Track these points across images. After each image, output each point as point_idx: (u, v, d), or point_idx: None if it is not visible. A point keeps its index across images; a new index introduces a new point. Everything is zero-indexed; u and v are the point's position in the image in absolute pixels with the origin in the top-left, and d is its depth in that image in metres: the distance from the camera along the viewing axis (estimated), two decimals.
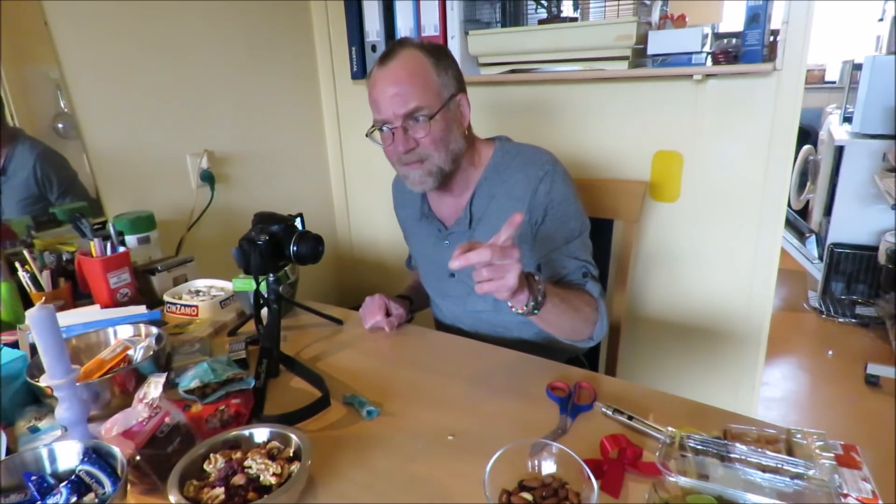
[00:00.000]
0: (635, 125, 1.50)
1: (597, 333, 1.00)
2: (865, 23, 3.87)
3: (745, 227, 1.43)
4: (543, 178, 1.02)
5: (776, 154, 1.35)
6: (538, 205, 1.02)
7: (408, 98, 0.95)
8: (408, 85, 0.95)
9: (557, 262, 1.03)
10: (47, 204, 1.33)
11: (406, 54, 0.96)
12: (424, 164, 1.00)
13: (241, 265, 1.01)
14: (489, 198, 1.06)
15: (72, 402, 0.72)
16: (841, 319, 2.79)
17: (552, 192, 1.02)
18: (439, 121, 0.98)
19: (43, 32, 1.28)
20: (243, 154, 1.79)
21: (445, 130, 0.99)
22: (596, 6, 1.61)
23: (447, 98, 0.99)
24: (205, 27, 1.62)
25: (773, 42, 1.28)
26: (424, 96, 0.96)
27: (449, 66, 1.00)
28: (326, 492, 0.68)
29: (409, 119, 0.97)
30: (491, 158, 1.08)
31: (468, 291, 1.13)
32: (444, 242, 1.12)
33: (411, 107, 0.95)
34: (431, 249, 1.16)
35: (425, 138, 0.97)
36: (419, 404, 0.86)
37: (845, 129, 2.90)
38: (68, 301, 1.18)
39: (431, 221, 1.14)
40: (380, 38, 1.70)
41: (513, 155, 1.07)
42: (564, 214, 1.03)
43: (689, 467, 0.62)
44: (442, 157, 1.00)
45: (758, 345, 1.51)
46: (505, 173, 1.05)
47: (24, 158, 1.28)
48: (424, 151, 0.99)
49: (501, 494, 0.61)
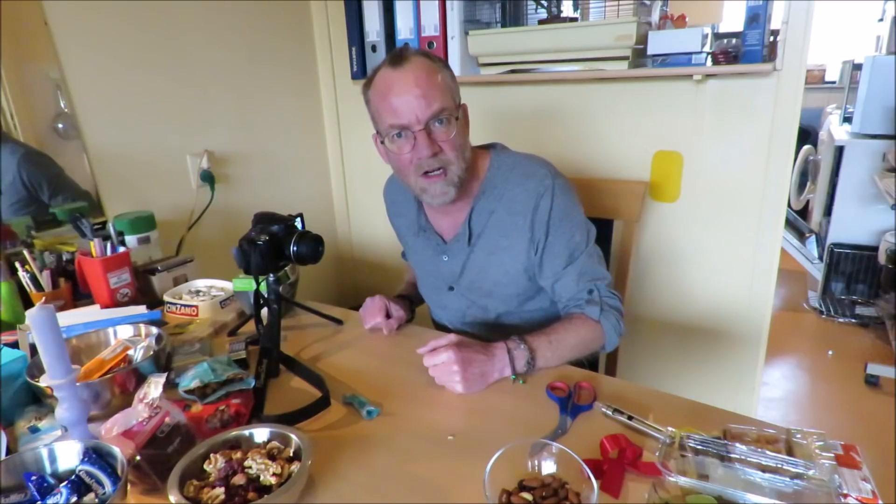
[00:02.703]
0: (635, 125, 1.50)
1: (607, 347, 1.01)
2: (865, 23, 3.87)
3: (745, 227, 1.43)
4: (544, 195, 1.00)
5: (776, 154, 1.35)
6: (540, 222, 1.01)
7: (431, 100, 0.92)
8: (430, 87, 0.92)
9: (564, 284, 1.02)
10: (41, 205, 1.32)
11: (417, 60, 0.94)
12: (448, 174, 0.97)
13: (241, 265, 1.01)
14: (488, 213, 1.05)
15: (72, 402, 0.72)
16: (841, 319, 2.79)
17: (554, 207, 1.00)
18: (461, 124, 0.97)
19: (43, 32, 1.28)
20: (243, 154, 1.79)
21: (462, 136, 0.98)
22: (596, 6, 1.61)
23: (459, 104, 0.99)
24: (205, 27, 1.62)
25: (773, 42, 1.28)
26: (446, 98, 0.94)
27: (452, 75, 0.99)
28: (326, 492, 0.68)
29: (432, 122, 0.93)
30: (488, 171, 1.05)
31: (467, 305, 1.13)
32: (443, 257, 1.11)
33: (436, 108, 0.92)
34: (429, 263, 1.15)
35: (448, 142, 0.95)
36: (419, 404, 0.86)
37: (845, 129, 2.90)
38: (68, 301, 1.18)
39: (430, 236, 1.12)
40: (380, 38, 1.70)
41: (509, 167, 1.04)
42: (569, 229, 1.02)
43: (689, 467, 0.62)
44: (461, 165, 0.98)
45: (758, 345, 1.51)
46: (503, 187, 1.03)
47: (6, 163, 1.26)
48: (447, 158, 0.96)
49: (501, 494, 0.61)
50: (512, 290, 1.08)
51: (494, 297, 1.10)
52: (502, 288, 1.08)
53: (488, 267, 1.07)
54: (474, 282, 1.09)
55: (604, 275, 1.03)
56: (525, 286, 1.07)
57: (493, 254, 1.05)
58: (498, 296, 1.09)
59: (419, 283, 1.25)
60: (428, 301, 1.25)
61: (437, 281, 1.16)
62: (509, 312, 1.11)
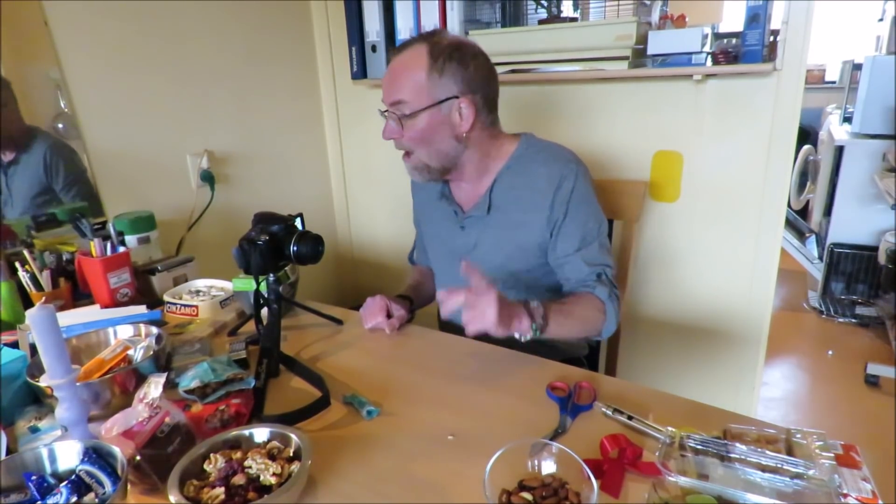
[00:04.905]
0: (635, 125, 1.50)
1: (605, 331, 1.03)
2: (865, 23, 3.87)
3: (745, 227, 1.43)
4: (567, 176, 1.04)
5: (776, 154, 1.35)
6: (561, 201, 1.04)
7: (392, 90, 1.00)
8: (397, 78, 1.00)
9: (574, 266, 1.05)
10: (53, 196, 1.34)
11: (412, 50, 0.99)
12: (411, 157, 1.05)
13: (241, 265, 1.01)
14: (510, 187, 1.08)
15: (72, 402, 0.72)
16: (841, 319, 2.79)
17: (575, 190, 1.04)
18: (422, 119, 1.00)
19: (43, 32, 1.28)
20: (243, 154, 1.79)
21: (428, 130, 1.01)
22: (596, 6, 1.62)
23: (439, 99, 0.99)
24: (205, 27, 1.62)
25: (773, 42, 1.28)
26: (409, 93, 0.99)
27: (452, 68, 0.98)
28: (326, 492, 0.68)
29: (393, 109, 1.02)
30: (515, 151, 1.09)
31: None
32: (460, 227, 1.14)
33: (394, 98, 1.01)
34: (446, 233, 1.18)
35: (404, 131, 1.02)
36: (419, 404, 0.86)
37: (845, 129, 2.90)
38: (68, 301, 1.18)
39: (450, 203, 1.15)
40: (380, 38, 1.70)
41: (537, 149, 1.09)
42: (585, 213, 1.05)
43: (689, 467, 0.62)
44: (425, 153, 1.04)
45: (758, 345, 1.51)
46: (529, 166, 1.07)
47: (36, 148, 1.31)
48: (405, 144, 1.04)
49: (501, 494, 0.61)
50: (522, 266, 1.10)
51: (504, 271, 1.11)
52: (514, 262, 1.10)
53: (503, 240, 1.09)
54: (487, 253, 1.11)
55: (611, 264, 1.07)
56: (535, 263, 1.10)
57: (509, 227, 1.08)
58: (508, 269, 1.11)
59: (432, 259, 1.28)
60: (440, 276, 1.27)
61: (451, 252, 1.18)
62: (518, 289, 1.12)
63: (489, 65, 1.04)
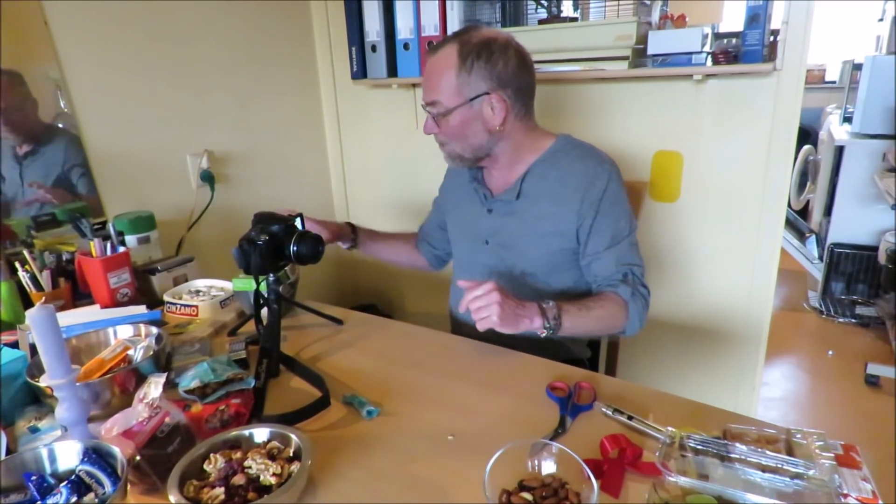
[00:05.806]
0: (635, 125, 1.50)
1: (629, 329, 1.04)
2: (865, 23, 3.87)
3: (745, 227, 1.43)
4: (600, 175, 1.05)
5: (776, 154, 1.35)
6: (591, 200, 1.05)
7: (428, 91, 1.06)
8: (430, 79, 1.05)
9: (602, 263, 1.06)
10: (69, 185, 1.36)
11: (443, 51, 1.03)
12: (445, 147, 1.10)
13: (241, 265, 1.01)
14: (542, 178, 1.10)
15: (72, 402, 0.72)
16: (841, 319, 2.79)
17: (608, 190, 1.05)
18: (456, 116, 1.04)
19: (43, 32, 1.28)
20: (243, 154, 1.79)
21: (461, 126, 1.05)
22: (596, 6, 1.62)
23: (470, 97, 1.02)
24: (205, 27, 1.62)
25: (773, 42, 1.28)
26: (441, 93, 1.04)
27: (480, 67, 1.01)
28: (326, 492, 0.68)
29: (430, 108, 1.07)
30: (552, 146, 1.11)
31: (497, 262, 1.16)
32: (487, 210, 1.15)
33: (430, 99, 1.06)
34: (472, 216, 1.19)
35: (440, 128, 1.07)
36: (419, 404, 0.86)
37: (845, 129, 2.90)
38: (68, 301, 1.18)
39: (480, 186, 1.17)
40: (380, 38, 1.70)
41: (574, 146, 1.12)
42: (617, 213, 1.06)
43: (689, 467, 0.62)
44: (460, 146, 1.08)
45: (758, 345, 1.51)
46: (563, 160, 1.09)
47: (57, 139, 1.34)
48: (442, 138, 1.09)
49: (501, 494, 0.61)
50: (543, 254, 1.11)
51: (524, 258, 1.13)
52: (534, 250, 1.11)
53: (527, 228, 1.10)
54: (509, 239, 1.13)
55: (640, 263, 1.08)
56: (555, 254, 1.10)
57: (535, 217, 1.10)
58: (528, 257, 1.12)
59: (454, 245, 1.29)
60: (458, 259, 1.29)
61: (474, 235, 1.19)
62: (535, 277, 1.13)
63: (520, 56, 1.05)
